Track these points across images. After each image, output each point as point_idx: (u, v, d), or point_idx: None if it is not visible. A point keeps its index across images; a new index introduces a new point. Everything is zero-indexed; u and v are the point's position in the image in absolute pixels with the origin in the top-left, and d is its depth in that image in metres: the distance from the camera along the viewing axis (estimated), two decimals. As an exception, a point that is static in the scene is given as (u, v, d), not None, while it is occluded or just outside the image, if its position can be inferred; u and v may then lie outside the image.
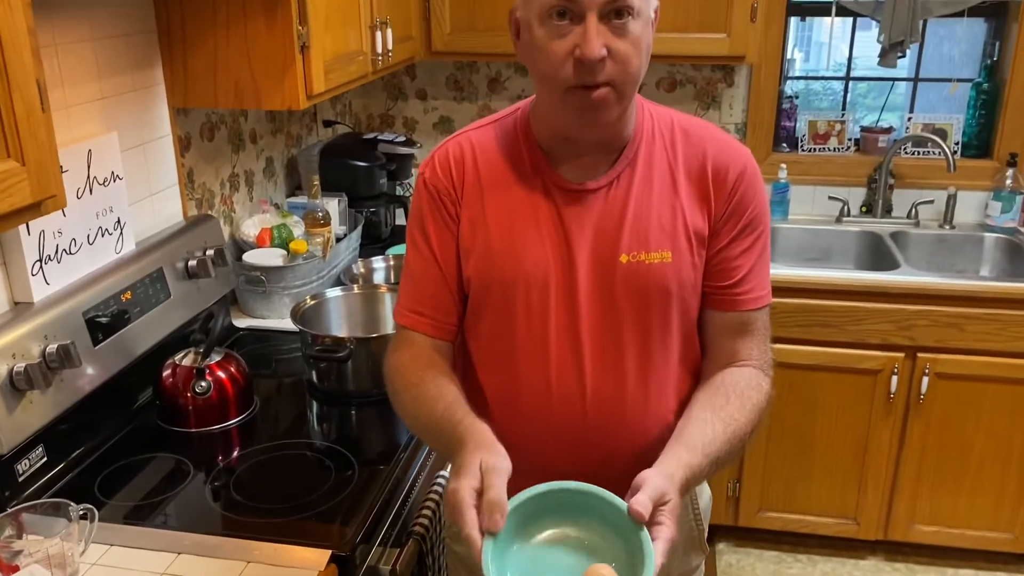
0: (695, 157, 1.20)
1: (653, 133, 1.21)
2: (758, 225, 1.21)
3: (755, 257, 1.22)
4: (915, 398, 2.48)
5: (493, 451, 1.02)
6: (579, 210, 1.18)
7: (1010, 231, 2.78)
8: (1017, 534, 2.59)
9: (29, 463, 1.41)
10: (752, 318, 1.23)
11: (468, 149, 1.24)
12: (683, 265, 1.18)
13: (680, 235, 1.18)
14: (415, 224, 1.26)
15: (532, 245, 1.18)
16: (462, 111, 3.07)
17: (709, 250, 1.20)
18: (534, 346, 1.20)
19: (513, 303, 1.20)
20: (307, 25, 1.78)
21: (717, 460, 1.12)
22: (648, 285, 1.18)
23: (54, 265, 1.52)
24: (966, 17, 2.76)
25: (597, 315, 1.19)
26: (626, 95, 1.11)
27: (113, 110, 1.71)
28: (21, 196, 1.04)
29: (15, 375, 1.35)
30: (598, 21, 1.05)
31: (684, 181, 1.19)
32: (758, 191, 1.22)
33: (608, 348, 1.19)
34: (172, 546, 1.30)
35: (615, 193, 1.18)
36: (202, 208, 2.07)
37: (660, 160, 1.20)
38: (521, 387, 1.22)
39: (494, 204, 1.21)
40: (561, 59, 1.07)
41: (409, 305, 1.26)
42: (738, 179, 1.19)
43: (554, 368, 1.20)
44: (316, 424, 1.73)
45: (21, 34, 1.02)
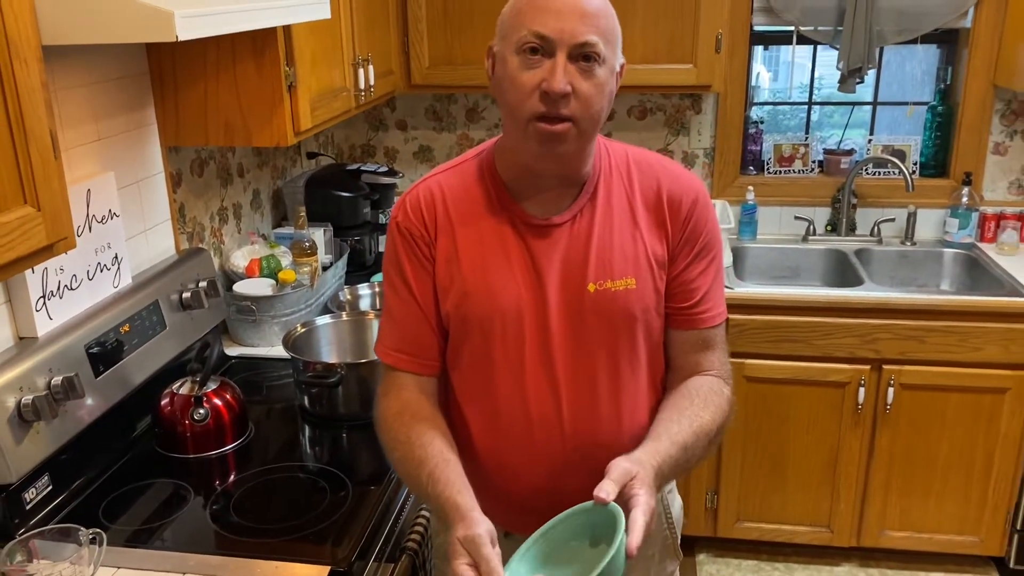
0: (651, 188, 1.29)
1: (611, 168, 1.30)
2: (712, 249, 1.32)
3: (711, 279, 1.32)
4: (882, 408, 2.59)
5: (468, 524, 1.09)
6: (547, 244, 1.26)
7: (967, 246, 2.91)
8: (983, 537, 2.69)
9: (36, 491, 1.47)
10: (711, 334, 1.33)
11: (437, 191, 1.31)
12: (646, 290, 1.27)
13: (642, 262, 1.27)
14: (392, 267, 1.32)
15: (505, 280, 1.26)
16: (441, 140, 3.17)
17: (668, 274, 1.29)
18: (511, 375, 1.27)
19: (490, 336, 1.27)
20: (294, 66, 1.87)
21: (685, 447, 1.21)
22: (615, 311, 1.26)
23: (56, 301, 1.59)
24: (920, 44, 2.90)
25: (568, 341, 1.26)
26: (586, 133, 1.19)
27: (109, 150, 1.78)
28: (37, 239, 1.12)
29: (23, 407, 1.41)
30: (567, 60, 1.15)
31: (642, 211, 1.28)
32: (710, 217, 1.31)
33: (580, 372, 1.27)
34: (177, 567, 1.36)
35: (579, 226, 1.26)
36: (193, 241, 2.14)
37: (619, 193, 1.29)
38: (500, 415, 1.29)
39: (466, 242, 1.28)
40: (529, 90, 1.15)
41: (392, 344, 1.33)
42: (691, 207, 1.29)
43: (531, 395, 1.27)
44: (309, 447, 1.80)
45: (36, 89, 1.10)
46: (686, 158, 3.06)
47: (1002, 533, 2.67)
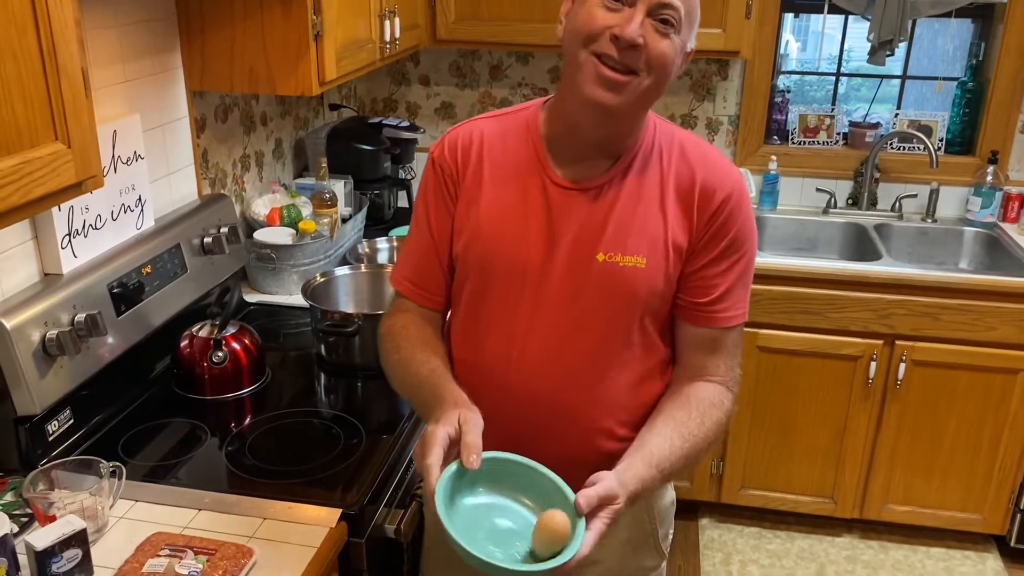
0: (686, 175, 1.26)
1: (652, 146, 1.27)
2: (740, 247, 1.26)
3: (734, 278, 1.27)
4: (892, 384, 2.60)
5: (471, 409, 1.15)
6: (568, 207, 1.25)
7: (989, 226, 2.89)
8: (986, 515, 2.71)
9: (58, 424, 1.51)
10: (723, 335, 1.29)
11: (477, 135, 1.32)
12: (656, 274, 1.24)
13: (659, 245, 1.24)
14: (420, 199, 1.37)
15: (517, 233, 1.26)
16: (464, 97, 3.16)
17: (689, 266, 1.26)
18: (502, 325, 1.29)
19: (490, 283, 1.28)
20: (321, 15, 1.86)
21: (669, 475, 1.21)
22: (618, 286, 1.24)
23: (81, 239, 1.61)
24: (954, 18, 2.85)
25: (565, 305, 1.26)
26: (643, 95, 1.18)
27: (135, 92, 1.79)
28: (67, 176, 1.13)
29: (47, 342, 1.44)
30: (645, 16, 1.14)
31: (672, 195, 1.25)
32: (743, 215, 1.26)
33: (570, 338, 1.27)
34: (193, 503, 1.40)
35: (604, 196, 1.25)
36: (215, 187, 2.16)
37: (653, 173, 1.26)
38: (485, 360, 1.31)
39: (491, 191, 1.29)
40: (600, 28, 1.15)
41: (404, 274, 1.38)
42: (723, 202, 1.24)
43: (516, 348, 1.28)
44: (324, 395, 1.83)
45: (69, 25, 1.11)
46: (710, 124, 3.04)
47: (1005, 511, 2.69)
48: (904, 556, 2.78)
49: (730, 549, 2.80)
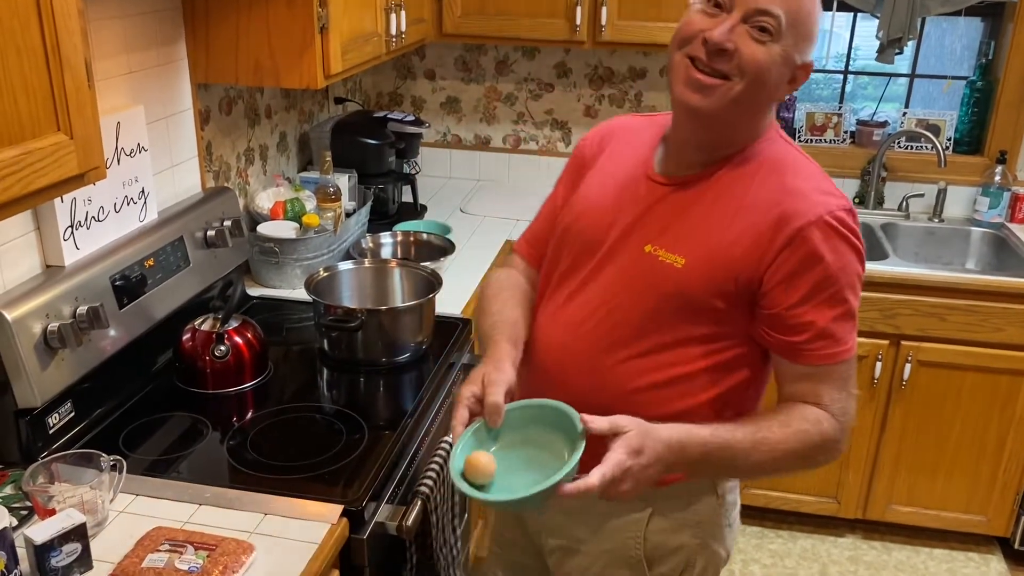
0: (770, 199, 1.22)
1: (752, 160, 1.26)
2: (831, 284, 1.20)
3: (832, 315, 1.21)
4: (897, 384, 2.58)
5: (498, 367, 1.23)
6: (647, 197, 1.30)
7: (996, 226, 2.87)
8: (989, 517, 2.70)
9: (59, 417, 1.50)
10: (828, 370, 1.24)
11: (619, 127, 1.45)
12: (692, 276, 1.22)
13: (709, 253, 1.22)
14: (560, 177, 1.52)
15: (602, 215, 1.33)
16: (469, 92, 3.14)
17: (775, 304, 1.21)
18: (558, 291, 1.38)
19: (565, 253, 1.38)
20: (327, 7, 1.85)
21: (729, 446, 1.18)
22: (648, 277, 1.26)
23: (84, 231, 1.60)
24: (963, 16, 2.83)
25: (604, 285, 1.31)
26: (736, 99, 1.18)
27: (139, 84, 1.78)
28: (69, 167, 1.12)
29: (49, 334, 1.44)
30: (740, 21, 1.17)
31: (748, 215, 1.22)
32: (828, 250, 1.19)
33: (593, 314, 1.31)
34: (194, 498, 1.39)
35: (680, 194, 1.28)
36: (219, 180, 2.15)
37: (739, 186, 1.24)
38: (537, 322, 1.40)
39: (603, 171, 1.40)
40: (695, 31, 1.19)
41: (524, 235, 1.56)
42: (798, 231, 1.18)
43: (557, 316, 1.36)
44: (326, 390, 1.82)
45: (72, 16, 1.10)
46: (716, 122, 3.02)
47: (1009, 513, 2.68)
48: (907, 557, 2.77)
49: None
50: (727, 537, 1.43)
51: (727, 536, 1.43)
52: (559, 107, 3.11)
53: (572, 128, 3.13)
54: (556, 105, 3.11)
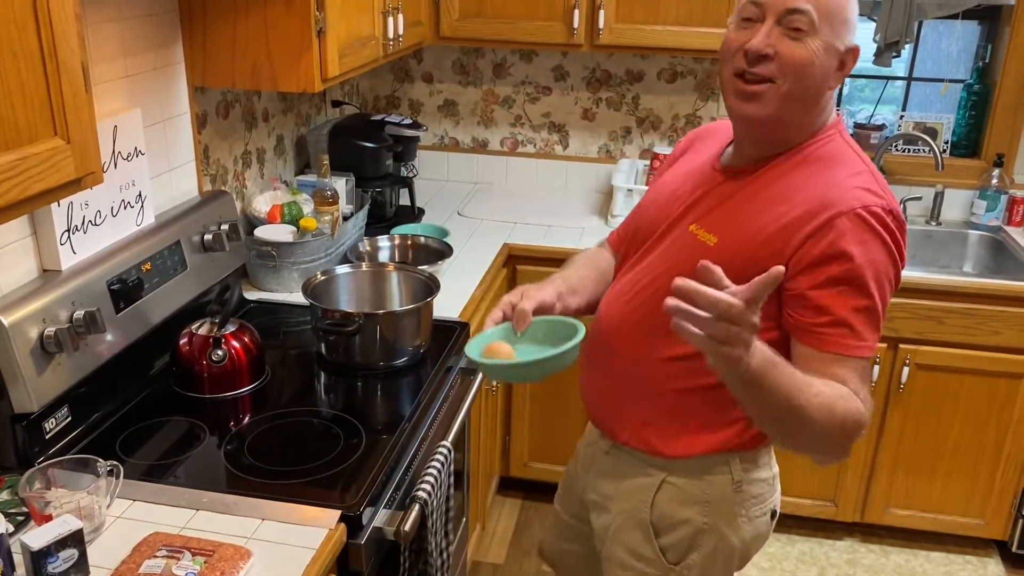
0: (812, 191, 1.26)
1: (806, 155, 1.31)
2: (853, 277, 1.21)
3: (851, 308, 1.22)
4: (895, 387, 2.58)
5: (540, 287, 1.44)
6: (706, 186, 1.39)
7: (994, 229, 2.88)
8: (987, 520, 2.70)
9: (55, 422, 1.49)
10: (840, 359, 1.23)
11: (706, 131, 1.55)
12: (722, 255, 1.23)
13: (740, 234, 1.28)
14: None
15: (668, 201, 1.45)
16: (467, 95, 3.14)
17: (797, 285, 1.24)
18: (620, 273, 1.51)
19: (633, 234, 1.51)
20: (324, 11, 1.85)
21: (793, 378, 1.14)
22: (684, 251, 1.36)
23: (81, 235, 1.60)
24: (960, 20, 2.83)
25: (654, 262, 1.41)
26: (788, 97, 1.26)
27: (136, 87, 1.78)
28: (66, 172, 1.12)
29: (45, 339, 1.43)
30: (774, 25, 1.25)
31: (791, 205, 1.26)
32: (859, 240, 1.21)
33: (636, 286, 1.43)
34: (191, 503, 1.39)
35: (734, 182, 1.36)
36: (216, 184, 2.15)
37: (789, 179, 1.30)
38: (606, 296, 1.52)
39: (675, 171, 1.51)
40: (735, 49, 1.28)
41: (618, 227, 1.67)
42: (827, 222, 1.22)
43: (613, 287, 1.50)
44: (324, 394, 1.81)
45: (70, 20, 1.09)
46: (713, 125, 3.02)
47: (1007, 517, 2.68)
48: (905, 560, 2.77)
49: (730, 551, 2.79)
50: (743, 527, 1.45)
51: (743, 526, 1.45)
52: (557, 110, 3.11)
53: (570, 131, 3.13)
54: (554, 108, 3.11)
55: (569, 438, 2.83)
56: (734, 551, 1.46)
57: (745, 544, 1.47)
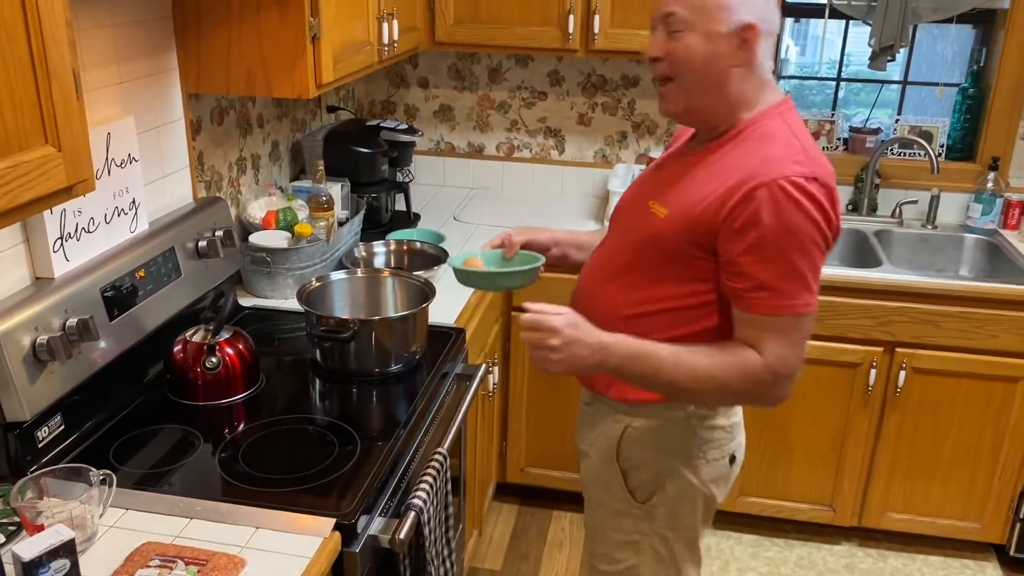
0: (746, 163, 1.37)
1: (743, 136, 1.43)
2: (768, 245, 1.33)
3: (775, 271, 1.34)
4: (892, 391, 2.58)
5: (541, 229, 1.74)
6: (670, 168, 1.55)
7: (989, 233, 2.88)
8: (985, 523, 2.70)
9: (48, 430, 1.49)
10: (765, 320, 1.37)
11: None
12: (668, 225, 1.44)
13: (687, 207, 1.41)
14: None
15: (641, 185, 1.61)
16: (462, 100, 3.14)
17: (727, 252, 1.38)
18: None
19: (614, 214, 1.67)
20: (319, 17, 1.84)
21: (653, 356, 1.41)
22: (640, 223, 1.51)
23: (74, 243, 1.59)
24: (955, 24, 2.84)
25: (620, 234, 1.58)
26: (687, 90, 1.42)
27: (130, 94, 1.77)
28: (57, 180, 1.11)
29: (38, 347, 1.42)
30: (662, 30, 1.42)
31: (726, 177, 1.38)
32: (774, 209, 1.32)
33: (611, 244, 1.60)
34: (185, 511, 1.38)
35: (684, 162, 1.50)
36: (211, 190, 2.14)
37: (726, 154, 1.43)
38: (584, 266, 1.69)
39: (661, 157, 1.65)
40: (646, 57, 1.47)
41: None
42: (749, 192, 1.34)
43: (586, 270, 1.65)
44: (319, 401, 1.80)
45: (60, 26, 1.09)
46: (709, 130, 3.02)
47: (1004, 520, 2.68)
48: (903, 564, 2.76)
49: (728, 557, 2.78)
50: (702, 469, 1.58)
51: (702, 468, 1.58)
52: (552, 115, 3.11)
53: (566, 136, 3.12)
54: (549, 113, 3.11)
55: (566, 443, 2.83)
56: (696, 491, 1.59)
57: (706, 484, 1.59)
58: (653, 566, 1.65)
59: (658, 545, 1.64)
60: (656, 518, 1.62)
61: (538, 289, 1.86)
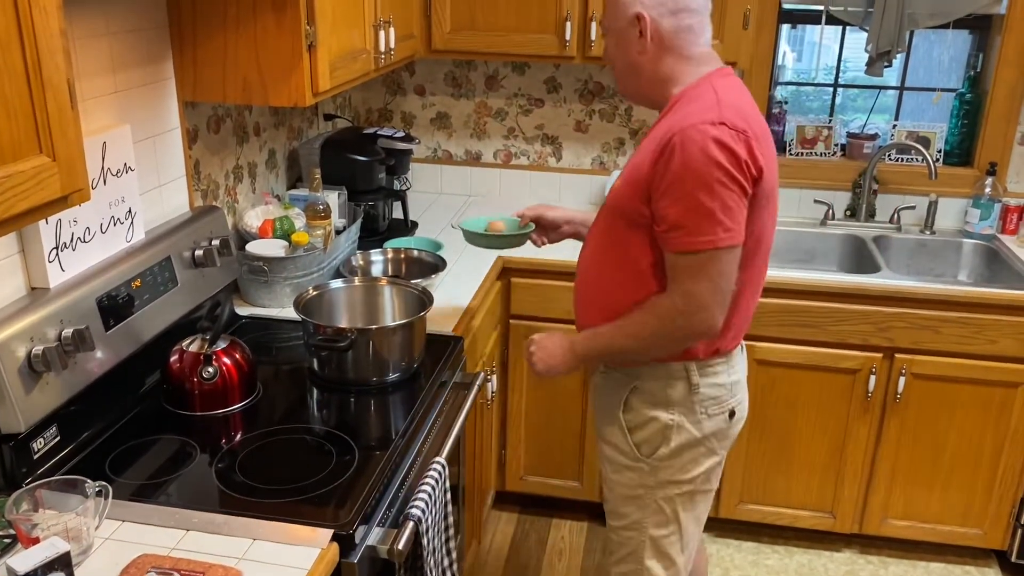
0: (671, 124, 1.54)
1: (674, 107, 1.60)
2: (682, 184, 1.49)
3: (682, 209, 1.50)
4: (892, 397, 2.57)
5: (556, 207, 2.03)
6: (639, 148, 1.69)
7: (988, 238, 2.87)
8: (986, 529, 2.69)
9: (44, 442, 1.48)
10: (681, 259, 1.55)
11: None
12: (622, 192, 1.63)
13: (636, 174, 1.58)
14: None
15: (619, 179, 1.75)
16: (459, 107, 3.14)
17: (654, 202, 1.55)
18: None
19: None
20: (315, 25, 1.84)
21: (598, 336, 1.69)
22: (609, 199, 1.70)
23: (69, 252, 1.58)
24: (951, 29, 2.84)
25: (604, 209, 1.73)
26: (618, 78, 1.71)
27: (126, 103, 1.77)
28: (52, 190, 1.10)
29: (33, 357, 1.41)
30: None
31: (658, 141, 1.54)
32: (683, 156, 1.49)
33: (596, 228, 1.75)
34: (181, 523, 1.37)
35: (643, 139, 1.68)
36: (207, 199, 2.13)
37: (661, 125, 1.59)
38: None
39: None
40: None
41: None
42: (666, 144, 1.51)
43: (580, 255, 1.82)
44: (316, 410, 1.80)
45: (54, 36, 1.08)
46: (706, 136, 3.02)
47: (1006, 526, 2.67)
48: (904, 571, 2.75)
49: (728, 564, 2.77)
50: (703, 422, 1.72)
51: (703, 421, 1.72)
52: (550, 122, 3.11)
53: (563, 143, 3.12)
54: (547, 120, 3.11)
55: (565, 451, 2.82)
56: (699, 442, 1.72)
57: (707, 436, 1.73)
58: (656, 519, 1.77)
59: (660, 500, 1.75)
60: (660, 471, 1.73)
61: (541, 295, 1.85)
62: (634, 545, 1.80)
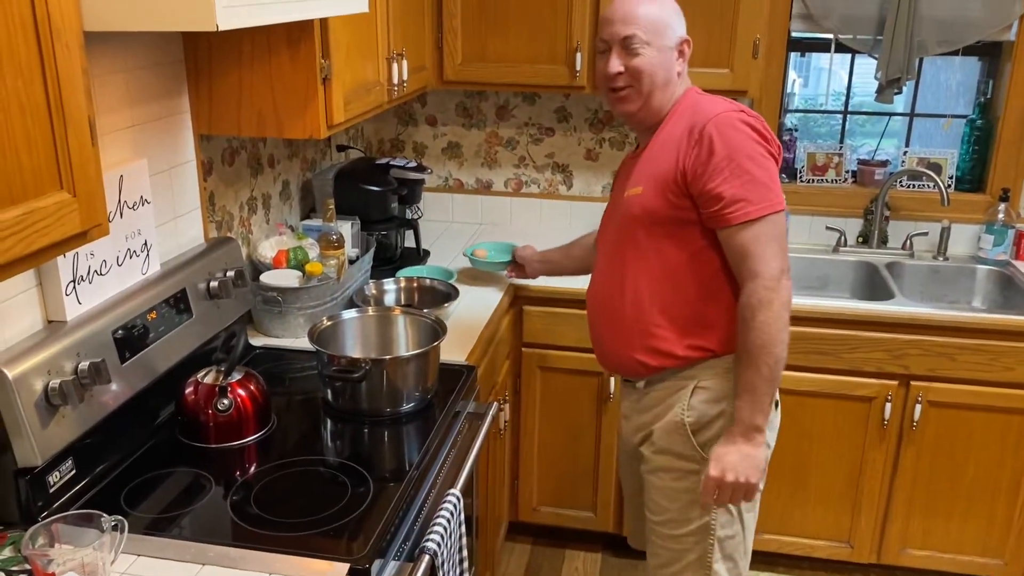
0: (686, 126, 1.68)
1: (677, 115, 1.73)
2: (729, 160, 1.60)
3: (737, 183, 1.60)
4: (908, 425, 2.55)
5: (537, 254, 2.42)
6: (633, 166, 1.81)
7: (1002, 264, 2.86)
8: (1006, 560, 2.65)
9: (59, 475, 1.47)
10: (740, 232, 1.62)
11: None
12: (649, 196, 1.71)
13: (660, 177, 1.68)
14: None
15: (617, 189, 1.87)
16: (471, 137, 3.16)
17: (697, 188, 1.64)
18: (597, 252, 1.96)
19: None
20: (329, 59, 1.86)
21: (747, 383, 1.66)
22: (625, 211, 1.77)
23: (86, 285, 1.59)
24: (960, 56, 2.85)
25: (611, 232, 1.84)
26: (644, 92, 1.74)
27: (143, 137, 1.78)
28: (72, 225, 1.11)
29: (50, 391, 1.42)
30: (620, 50, 1.73)
31: (679, 142, 1.67)
32: (723, 137, 1.61)
33: (608, 255, 1.84)
34: (197, 557, 1.36)
35: (643, 154, 1.78)
36: (222, 230, 2.15)
37: (672, 131, 1.71)
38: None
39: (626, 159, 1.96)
40: (601, 75, 1.78)
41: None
42: (700, 132, 1.63)
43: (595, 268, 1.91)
44: (331, 441, 1.79)
45: (77, 75, 1.10)
46: (717, 164, 3.03)
47: (1026, 557, 2.63)
48: (924, 602, 2.71)
49: (745, 595, 2.73)
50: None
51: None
52: (560, 151, 3.12)
53: (573, 171, 3.13)
54: (557, 149, 3.12)
55: (579, 480, 2.80)
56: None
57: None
58: (723, 519, 1.79)
59: None
60: None
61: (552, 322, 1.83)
62: (701, 550, 1.81)
